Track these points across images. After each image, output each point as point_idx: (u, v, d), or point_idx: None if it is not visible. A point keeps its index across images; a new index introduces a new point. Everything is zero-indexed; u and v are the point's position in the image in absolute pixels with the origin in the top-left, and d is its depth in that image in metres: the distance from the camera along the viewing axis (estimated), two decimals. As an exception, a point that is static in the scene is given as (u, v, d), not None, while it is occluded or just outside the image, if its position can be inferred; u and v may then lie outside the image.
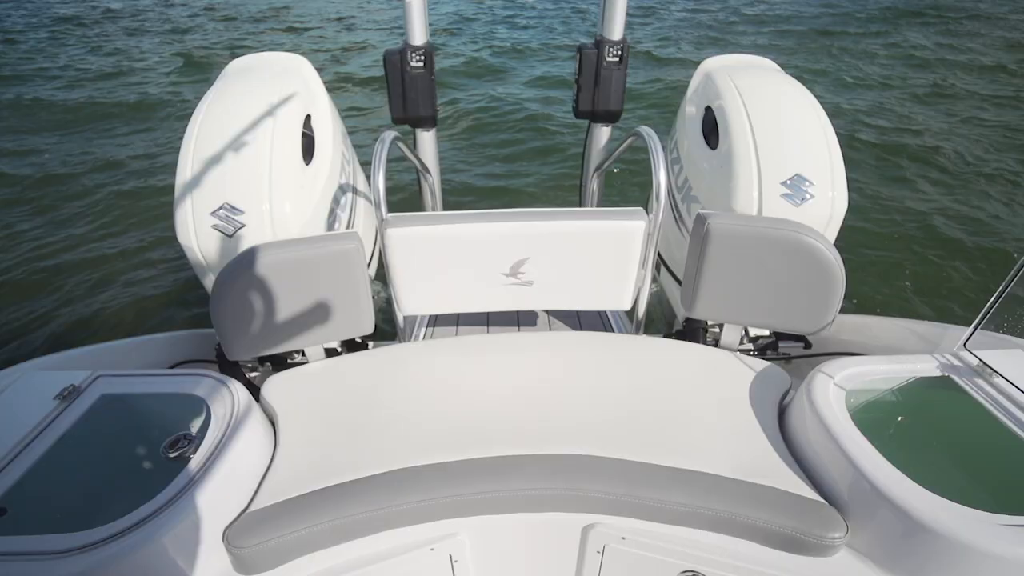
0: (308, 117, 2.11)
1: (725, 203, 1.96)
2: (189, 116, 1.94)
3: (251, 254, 1.51)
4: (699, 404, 1.50)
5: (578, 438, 1.38)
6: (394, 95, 2.66)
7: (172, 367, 2.00)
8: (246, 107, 1.94)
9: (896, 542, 1.11)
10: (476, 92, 8.27)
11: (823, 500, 1.22)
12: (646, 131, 1.84)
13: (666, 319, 2.70)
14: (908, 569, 1.11)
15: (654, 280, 2.17)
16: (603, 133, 2.88)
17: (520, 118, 7.30)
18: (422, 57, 2.55)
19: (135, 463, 1.30)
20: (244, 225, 1.78)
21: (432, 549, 1.29)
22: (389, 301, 1.92)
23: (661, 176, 1.74)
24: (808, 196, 1.85)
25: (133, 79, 8.86)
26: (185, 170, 1.82)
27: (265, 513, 1.22)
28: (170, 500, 1.12)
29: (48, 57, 10.06)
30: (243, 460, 1.28)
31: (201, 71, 9.14)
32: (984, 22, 11.92)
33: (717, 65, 2.34)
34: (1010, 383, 1.33)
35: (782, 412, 1.49)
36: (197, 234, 1.79)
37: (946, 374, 1.41)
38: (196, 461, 1.21)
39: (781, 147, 1.91)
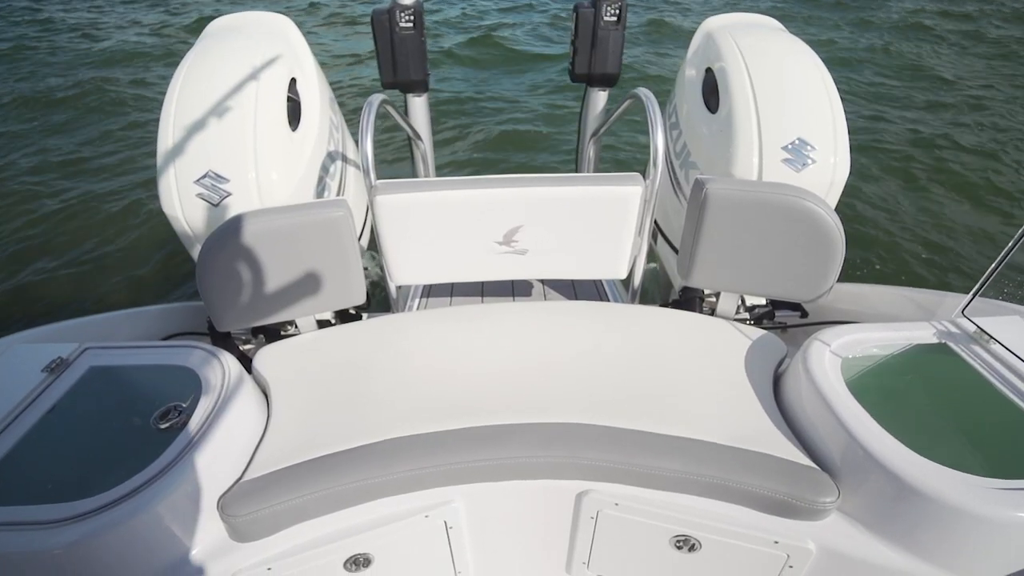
0: (293, 81, 2.03)
1: (724, 169, 1.92)
2: (169, 79, 1.86)
3: (236, 223, 1.46)
4: (694, 372, 1.49)
5: (573, 406, 1.37)
6: (383, 58, 2.55)
7: (163, 340, 1.98)
8: (228, 70, 1.86)
9: (887, 506, 1.12)
10: (467, 61, 8.03)
11: (815, 466, 1.23)
12: (644, 93, 1.78)
13: (662, 289, 2.68)
14: (897, 532, 1.13)
15: (651, 251, 2.14)
16: (600, 97, 2.81)
17: (513, 89, 7.11)
18: (411, 17, 2.44)
19: (126, 435, 1.29)
20: (230, 194, 1.73)
21: (427, 516, 1.30)
22: (382, 271, 1.89)
23: (659, 140, 1.69)
24: (809, 161, 1.81)
25: (107, 44, 8.54)
26: (167, 137, 1.75)
27: (259, 482, 1.22)
28: (163, 470, 1.12)
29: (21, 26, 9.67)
30: (236, 430, 1.27)
31: (179, 32, 8.81)
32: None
33: (718, 24, 2.26)
34: (1007, 350, 1.32)
35: (777, 380, 1.49)
36: (182, 203, 1.74)
37: (943, 341, 1.40)
38: (188, 432, 1.20)
39: (783, 110, 1.86)
